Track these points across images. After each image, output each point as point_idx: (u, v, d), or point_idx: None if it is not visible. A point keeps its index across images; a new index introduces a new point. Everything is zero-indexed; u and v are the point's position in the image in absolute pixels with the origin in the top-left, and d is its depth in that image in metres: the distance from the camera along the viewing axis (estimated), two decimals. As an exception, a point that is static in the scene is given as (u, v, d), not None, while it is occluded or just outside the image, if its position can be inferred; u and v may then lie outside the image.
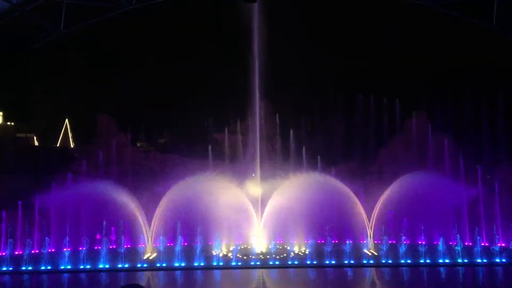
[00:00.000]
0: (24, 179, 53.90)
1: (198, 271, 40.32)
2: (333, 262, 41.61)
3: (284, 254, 44.05)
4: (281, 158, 58.72)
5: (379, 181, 53.89)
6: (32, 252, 44.37)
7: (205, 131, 62.81)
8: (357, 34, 68.49)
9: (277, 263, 41.83)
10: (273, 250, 43.80)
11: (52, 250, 45.11)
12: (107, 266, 40.93)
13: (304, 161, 55.37)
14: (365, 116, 63.30)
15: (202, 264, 41.38)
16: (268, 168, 53.15)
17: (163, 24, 69.14)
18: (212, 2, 64.99)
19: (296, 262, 42.10)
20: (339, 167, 56.75)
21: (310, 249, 43.34)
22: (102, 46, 71.62)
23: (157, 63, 69.44)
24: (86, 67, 68.99)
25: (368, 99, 63.41)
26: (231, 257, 42.54)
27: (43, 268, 40.77)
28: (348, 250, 42.10)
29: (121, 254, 41.83)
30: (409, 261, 41.63)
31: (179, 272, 40.16)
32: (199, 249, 42.05)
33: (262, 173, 52.32)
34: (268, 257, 42.97)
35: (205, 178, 49.16)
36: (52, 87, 67.70)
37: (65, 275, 39.58)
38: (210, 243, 45.46)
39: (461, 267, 40.77)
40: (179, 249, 42.29)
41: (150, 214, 47.44)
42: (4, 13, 54.13)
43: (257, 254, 44.63)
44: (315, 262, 41.70)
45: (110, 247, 43.86)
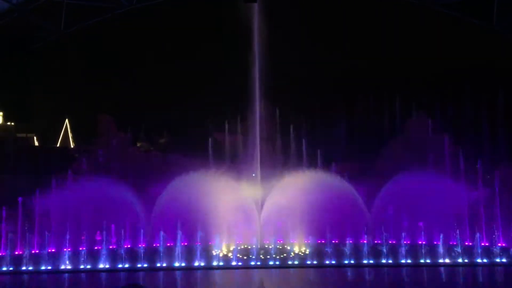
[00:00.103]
0: (24, 179, 53.80)
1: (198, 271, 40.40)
2: (333, 262, 41.65)
3: (284, 254, 44.01)
4: (281, 158, 58.61)
5: (379, 181, 53.81)
6: (32, 252, 44.35)
7: (205, 131, 62.72)
8: (357, 34, 68.48)
9: (277, 263, 41.82)
10: (273, 250, 43.78)
11: (52, 250, 45.10)
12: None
13: (304, 161, 55.35)
14: (365, 116, 63.27)
15: (203, 265, 41.42)
16: (268, 168, 53.06)
17: (163, 24, 69.14)
18: (212, 2, 64.95)
19: (296, 262, 42.09)
20: (339, 167, 56.62)
21: (310, 249, 43.31)
22: (102, 46, 71.61)
23: (157, 63, 69.43)
24: (86, 67, 69.01)
25: (368, 99, 63.38)
26: (231, 257, 42.54)
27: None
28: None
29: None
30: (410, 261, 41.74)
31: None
32: (200, 249, 42.09)
33: (262, 173, 52.25)
34: (269, 257, 42.96)
35: (206, 178, 49.12)
36: (52, 87, 67.70)
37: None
38: (210, 243, 45.43)
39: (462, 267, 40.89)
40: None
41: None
42: (4, 13, 54.15)
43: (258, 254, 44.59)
44: (315, 262, 41.72)
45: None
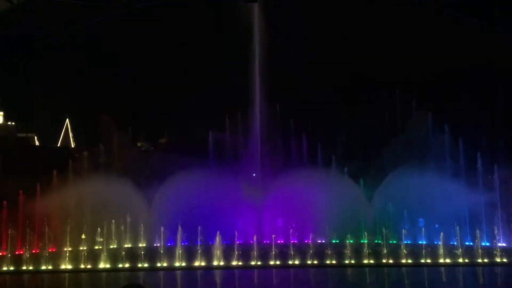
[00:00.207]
0: (25, 179, 53.79)
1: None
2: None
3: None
4: (281, 158, 58.64)
5: (377, 180, 53.96)
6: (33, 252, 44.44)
7: (205, 131, 62.73)
8: (357, 34, 68.42)
9: (278, 263, 41.90)
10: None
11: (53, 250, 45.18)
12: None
13: (304, 160, 55.41)
14: (365, 116, 63.27)
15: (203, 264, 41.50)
16: (269, 168, 53.12)
17: (163, 24, 69.08)
18: (212, 2, 64.92)
19: (297, 262, 42.18)
20: (339, 167, 56.68)
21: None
22: (102, 46, 71.55)
23: (157, 63, 69.40)
24: (86, 67, 69.01)
25: (368, 99, 63.37)
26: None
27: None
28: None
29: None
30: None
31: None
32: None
33: (262, 173, 52.32)
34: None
35: (205, 178, 49.18)
36: (52, 87, 67.67)
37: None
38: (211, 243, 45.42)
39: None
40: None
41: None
42: (5, 13, 54.15)
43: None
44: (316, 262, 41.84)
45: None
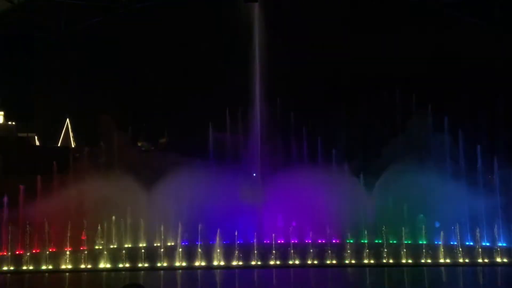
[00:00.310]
0: (25, 179, 53.80)
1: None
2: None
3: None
4: (282, 158, 58.66)
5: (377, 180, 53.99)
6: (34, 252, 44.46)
7: (205, 131, 62.75)
8: (357, 34, 68.42)
9: (278, 263, 41.93)
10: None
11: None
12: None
13: (305, 160, 55.43)
14: (365, 116, 63.28)
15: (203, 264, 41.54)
16: (269, 168, 53.14)
17: (163, 24, 69.08)
18: (212, 2, 64.93)
19: (297, 262, 42.20)
20: (339, 167, 56.70)
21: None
22: (102, 46, 71.58)
23: (157, 63, 69.42)
24: (86, 67, 69.02)
25: (368, 99, 63.37)
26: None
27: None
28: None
29: None
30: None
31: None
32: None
33: (263, 173, 52.33)
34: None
35: (206, 177, 49.21)
36: (53, 87, 67.69)
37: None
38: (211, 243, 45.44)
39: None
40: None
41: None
42: (5, 13, 54.15)
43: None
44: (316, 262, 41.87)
45: None
